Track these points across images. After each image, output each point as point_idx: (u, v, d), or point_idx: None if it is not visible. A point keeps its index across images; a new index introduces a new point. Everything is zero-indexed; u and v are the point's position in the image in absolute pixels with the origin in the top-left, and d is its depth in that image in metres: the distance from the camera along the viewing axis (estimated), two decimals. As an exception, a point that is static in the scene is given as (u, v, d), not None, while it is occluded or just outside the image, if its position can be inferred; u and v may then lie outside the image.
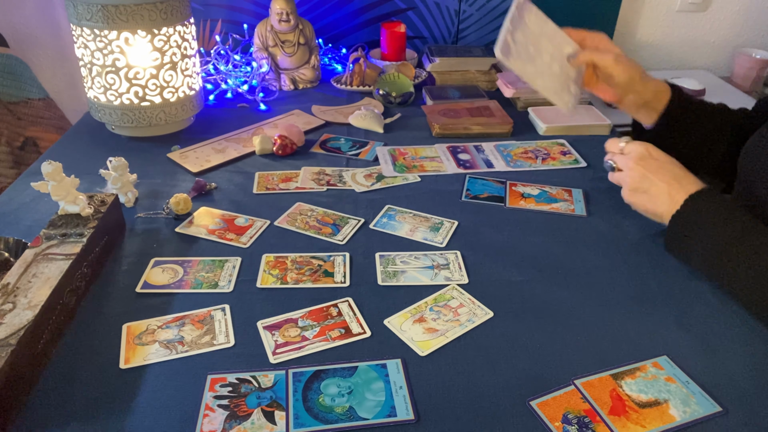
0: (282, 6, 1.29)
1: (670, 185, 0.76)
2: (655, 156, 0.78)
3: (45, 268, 0.67)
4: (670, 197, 0.75)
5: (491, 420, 0.57)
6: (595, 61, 0.90)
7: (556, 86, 0.91)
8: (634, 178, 0.79)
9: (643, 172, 0.78)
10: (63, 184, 0.75)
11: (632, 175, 0.79)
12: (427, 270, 0.78)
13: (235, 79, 1.33)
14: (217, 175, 1.01)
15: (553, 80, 0.90)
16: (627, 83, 0.89)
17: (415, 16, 1.56)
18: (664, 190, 0.76)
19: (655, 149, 0.79)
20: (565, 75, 0.91)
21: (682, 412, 0.58)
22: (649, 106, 0.93)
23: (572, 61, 0.91)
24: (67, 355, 0.64)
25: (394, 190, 0.98)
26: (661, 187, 0.76)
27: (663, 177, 0.76)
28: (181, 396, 0.59)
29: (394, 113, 1.24)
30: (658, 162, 0.78)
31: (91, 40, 1.00)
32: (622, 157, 0.81)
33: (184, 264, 0.79)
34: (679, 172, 0.77)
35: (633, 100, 0.92)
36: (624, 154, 0.81)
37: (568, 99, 0.91)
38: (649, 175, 0.77)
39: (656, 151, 0.79)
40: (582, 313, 0.71)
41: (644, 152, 0.79)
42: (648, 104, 0.92)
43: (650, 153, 0.79)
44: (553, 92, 0.90)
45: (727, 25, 1.73)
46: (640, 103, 0.93)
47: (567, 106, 0.91)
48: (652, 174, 0.77)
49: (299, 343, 0.66)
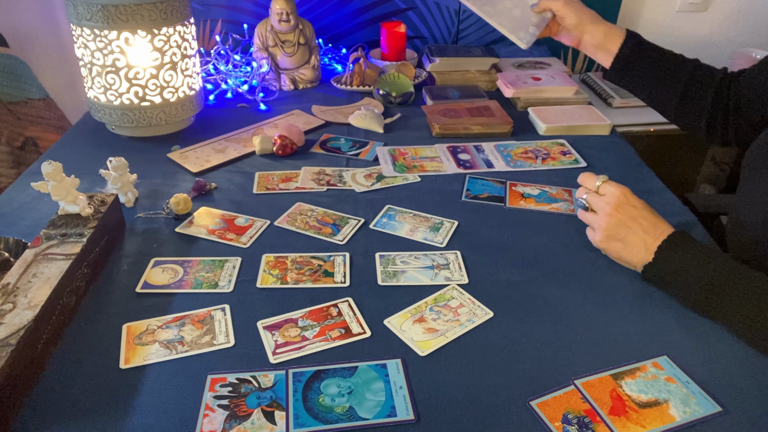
0: (282, 6, 1.29)
1: (647, 234, 0.73)
2: (632, 202, 0.75)
3: (45, 268, 0.67)
4: (646, 247, 0.73)
5: (491, 420, 0.57)
6: (549, 6, 0.99)
7: (514, 25, 1.00)
8: (610, 224, 0.75)
9: (620, 219, 0.74)
10: (63, 184, 0.75)
11: (609, 222, 0.75)
12: (427, 270, 0.78)
13: (235, 79, 1.33)
14: (217, 175, 1.01)
15: (511, 21, 1.01)
16: (577, 25, 0.98)
17: (415, 16, 1.56)
18: (641, 239, 0.73)
19: (631, 194, 0.75)
20: (526, 18, 1.01)
21: (682, 412, 0.58)
22: (603, 48, 0.98)
23: (535, 9, 1.01)
24: (67, 355, 0.64)
25: (394, 190, 0.98)
26: (638, 236, 0.73)
27: (641, 225, 0.73)
28: (181, 396, 0.59)
29: (394, 113, 1.24)
30: (636, 209, 0.74)
31: (91, 40, 1.00)
32: (598, 199, 0.76)
33: (184, 264, 0.79)
34: (656, 220, 0.74)
35: (588, 41, 0.99)
36: (600, 194, 0.77)
37: (524, 36, 1.00)
38: (627, 222, 0.74)
39: (633, 197, 0.75)
40: (582, 313, 0.71)
41: (622, 198, 0.75)
42: (602, 46, 0.98)
43: (628, 199, 0.75)
44: (510, 30, 1.00)
45: (727, 25, 1.73)
46: (595, 45, 0.98)
47: (523, 42, 1.00)
48: (630, 222, 0.74)
49: (299, 343, 0.66)
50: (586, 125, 1.18)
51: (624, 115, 1.44)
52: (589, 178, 0.79)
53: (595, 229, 0.78)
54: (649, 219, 0.74)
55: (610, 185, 0.76)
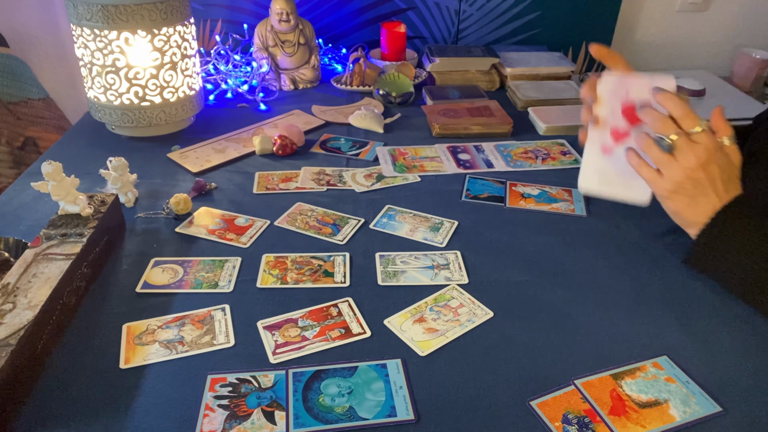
0: (282, 6, 1.29)
1: (719, 197, 0.66)
2: (719, 161, 0.66)
3: (45, 268, 0.67)
4: (713, 210, 0.67)
5: (491, 420, 0.57)
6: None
7: (630, 189, 0.73)
8: (687, 180, 0.66)
9: (701, 178, 0.66)
10: (63, 184, 0.75)
11: (688, 177, 0.66)
12: (427, 270, 0.78)
13: (235, 79, 1.33)
14: (217, 175, 1.01)
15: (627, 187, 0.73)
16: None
17: (415, 16, 1.56)
18: (710, 203, 0.67)
19: (722, 151, 0.67)
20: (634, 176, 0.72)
21: (682, 412, 0.58)
22: None
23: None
24: (67, 355, 0.64)
25: (394, 190, 0.98)
26: (708, 198, 0.67)
27: (716, 189, 0.66)
28: (181, 396, 0.59)
29: (394, 113, 1.24)
30: (720, 168, 0.66)
31: (91, 40, 1.00)
32: (688, 147, 0.65)
33: (184, 264, 0.79)
34: (731, 185, 0.67)
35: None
36: (693, 139, 0.65)
37: (641, 192, 0.72)
38: (705, 182, 0.66)
39: (721, 154, 0.66)
40: (582, 313, 0.71)
41: (713, 155, 0.65)
42: None
43: (717, 157, 0.66)
44: (631, 197, 0.73)
45: (727, 25, 1.73)
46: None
47: (645, 200, 0.72)
48: (708, 182, 0.66)
49: (299, 343, 0.66)
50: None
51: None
52: (688, 115, 0.65)
53: (665, 175, 0.67)
54: (726, 183, 0.67)
55: (708, 137, 0.65)
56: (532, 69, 1.39)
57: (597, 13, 1.59)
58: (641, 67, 1.76)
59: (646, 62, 1.76)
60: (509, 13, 1.57)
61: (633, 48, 1.73)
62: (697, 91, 1.52)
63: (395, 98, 1.28)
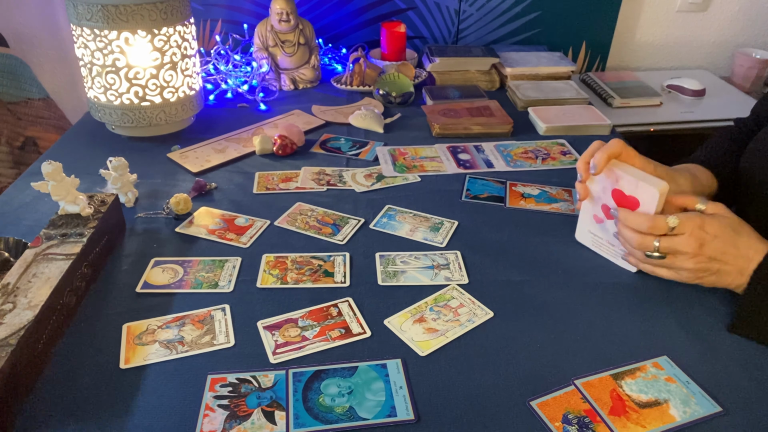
0: (282, 6, 1.29)
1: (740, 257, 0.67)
2: (713, 232, 0.67)
3: (45, 268, 0.67)
4: (741, 272, 0.67)
5: (491, 420, 0.57)
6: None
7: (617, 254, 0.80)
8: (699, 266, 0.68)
9: (708, 256, 0.67)
10: (63, 184, 0.75)
11: (697, 264, 0.68)
12: (427, 270, 0.78)
13: (235, 79, 1.33)
14: (217, 175, 1.01)
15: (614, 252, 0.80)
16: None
17: (415, 16, 1.56)
18: (734, 268, 0.67)
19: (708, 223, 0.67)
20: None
21: (682, 413, 0.58)
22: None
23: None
24: (67, 355, 0.64)
25: (394, 190, 0.98)
26: (730, 264, 0.67)
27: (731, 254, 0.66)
28: (181, 396, 0.60)
29: (394, 113, 1.24)
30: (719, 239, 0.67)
31: (91, 40, 1.00)
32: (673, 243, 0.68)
33: (184, 264, 0.79)
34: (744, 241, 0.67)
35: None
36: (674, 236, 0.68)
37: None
38: (717, 256, 0.67)
39: (710, 224, 0.67)
40: (582, 313, 0.71)
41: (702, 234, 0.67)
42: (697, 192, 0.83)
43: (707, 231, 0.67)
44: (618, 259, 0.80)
45: (727, 25, 1.73)
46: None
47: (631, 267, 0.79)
48: (719, 255, 0.67)
49: (299, 343, 0.66)
50: (586, 125, 1.18)
51: (624, 115, 1.44)
52: (654, 224, 0.68)
53: (677, 273, 0.70)
54: (738, 243, 0.67)
55: (684, 225, 0.67)
56: (532, 69, 1.39)
57: (597, 13, 1.59)
58: (641, 67, 1.76)
59: (646, 62, 1.76)
60: (509, 13, 1.57)
61: (633, 48, 1.73)
62: (697, 91, 1.53)
63: (395, 98, 1.28)
